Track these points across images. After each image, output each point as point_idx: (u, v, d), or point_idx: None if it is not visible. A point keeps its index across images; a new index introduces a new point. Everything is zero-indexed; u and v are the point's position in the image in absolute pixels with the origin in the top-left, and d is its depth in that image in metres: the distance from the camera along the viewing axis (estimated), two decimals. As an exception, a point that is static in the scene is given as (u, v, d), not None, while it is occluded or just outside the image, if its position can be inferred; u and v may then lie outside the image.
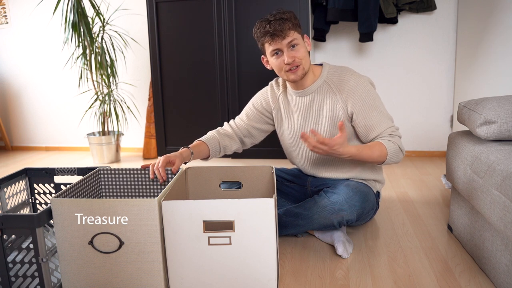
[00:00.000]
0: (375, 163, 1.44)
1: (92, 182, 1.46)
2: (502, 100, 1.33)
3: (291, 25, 1.41)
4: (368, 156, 1.38)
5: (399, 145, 1.43)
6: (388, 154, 1.40)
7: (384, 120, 1.47)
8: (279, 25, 1.39)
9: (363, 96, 1.45)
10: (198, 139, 1.61)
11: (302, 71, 1.46)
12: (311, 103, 1.53)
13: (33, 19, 3.40)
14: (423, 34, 2.79)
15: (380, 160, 1.41)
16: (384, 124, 1.46)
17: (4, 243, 1.13)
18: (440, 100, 2.85)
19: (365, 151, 1.38)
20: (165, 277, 1.17)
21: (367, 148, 1.39)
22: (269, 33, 1.41)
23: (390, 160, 1.42)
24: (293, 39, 1.42)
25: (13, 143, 3.71)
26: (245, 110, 1.71)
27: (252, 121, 1.67)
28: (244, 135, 1.69)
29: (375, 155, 1.39)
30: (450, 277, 1.28)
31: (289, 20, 1.41)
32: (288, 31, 1.40)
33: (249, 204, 1.11)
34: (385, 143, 1.41)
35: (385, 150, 1.40)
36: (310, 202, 1.49)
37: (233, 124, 1.69)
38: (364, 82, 1.48)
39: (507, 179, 1.07)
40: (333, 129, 1.51)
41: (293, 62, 1.43)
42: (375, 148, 1.40)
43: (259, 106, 1.67)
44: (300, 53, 1.44)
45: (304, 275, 1.33)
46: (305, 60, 1.45)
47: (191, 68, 2.65)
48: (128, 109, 3.18)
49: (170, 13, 2.62)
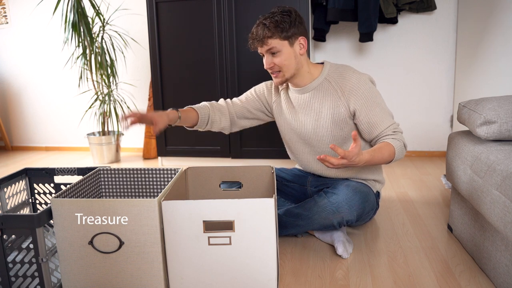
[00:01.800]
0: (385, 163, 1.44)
1: (92, 182, 1.46)
2: (502, 100, 1.32)
3: (271, 34, 1.39)
4: (380, 159, 1.38)
5: (403, 141, 1.44)
6: (395, 153, 1.40)
7: (386, 117, 1.47)
8: (259, 31, 1.40)
9: (365, 93, 1.45)
10: (189, 106, 1.58)
11: (282, 77, 1.47)
12: (311, 100, 1.53)
13: (33, 19, 3.40)
14: (423, 34, 2.79)
15: (389, 160, 1.41)
16: (386, 121, 1.47)
17: (4, 243, 1.13)
18: (440, 100, 2.85)
19: (377, 155, 1.36)
20: (165, 277, 1.17)
21: (378, 151, 1.38)
22: (252, 37, 1.43)
23: (397, 157, 1.43)
24: (272, 47, 1.41)
25: (13, 143, 3.71)
26: (245, 94, 1.70)
27: (249, 104, 1.66)
28: (237, 116, 1.65)
29: (385, 156, 1.39)
30: (450, 277, 1.28)
31: (270, 28, 1.39)
32: (267, 39, 1.40)
33: (249, 204, 1.11)
34: (392, 142, 1.41)
35: (393, 149, 1.40)
36: (310, 202, 1.49)
37: (229, 101, 1.67)
38: (365, 80, 1.48)
39: (507, 179, 1.07)
40: (334, 127, 1.51)
41: (271, 68, 1.45)
42: (385, 149, 1.39)
43: (260, 93, 1.67)
44: (280, 60, 1.43)
45: (304, 275, 1.33)
46: (286, 66, 1.44)
47: (191, 68, 2.65)
48: (128, 109, 3.18)
49: (170, 13, 2.62)
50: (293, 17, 1.42)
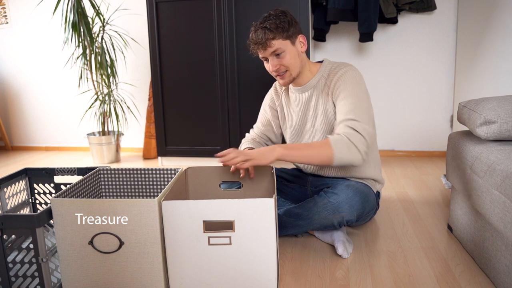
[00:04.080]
0: (323, 159, 1.33)
1: (92, 182, 1.46)
2: (502, 100, 1.33)
3: (273, 35, 1.39)
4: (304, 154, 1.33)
5: (353, 140, 1.32)
6: (332, 145, 1.31)
7: (357, 112, 1.37)
8: (261, 35, 1.40)
9: (347, 81, 1.43)
10: (245, 148, 1.64)
11: (289, 77, 1.48)
12: (309, 99, 1.54)
13: (33, 19, 3.40)
14: (423, 34, 2.79)
15: (326, 155, 1.31)
16: (352, 114, 1.36)
17: (4, 243, 1.13)
18: (440, 100, 2.85)
19: (296, 150, 1.34)
20: (165, 277, 1.17)
21: (300, 147, 1.36)
22: (253, 42, 1.43)
23: (340, 156, 1.31)
24: (276, 49, 1.41)
25: (13, 143, 3.71)
26: (259, 118, 1.74)
27: (269, 125, 1.71)
28: (265, 141, 1.73)
29: (315, 151, 1.32)
30: (450, 277, 1.28)
31: (272, 30, 1.39)
32: (270, 41, 1.40)
33: (249, 204, 1.11)
34: (331, 138, 1.33)
35: (328, 143, 1.31)
36: (310, 202, 1.49)
37: (253, 133, 1.74)
38: (356, 74, 1.45)
39: (507, 179, 1.07)
40: (326, 125, 1.51)
41: (278, 70, 1.45)
42: (315, 145, 1.34)
43: (271, 106, 1.70)
44: (286, 60, 1.43)
45: (304, 275, 1.33)
46: (292, 65, 1.45)
47: (191, 68, 2.65)
48: (128, 109, 3.18)
49: (170, 13, 2.62)
50: (289, 17, 1.44)
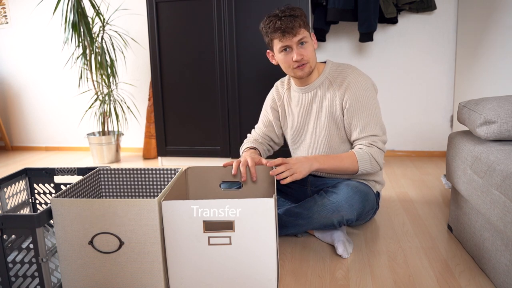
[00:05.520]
0: (349, 172, 1.46)
1: (92, 182, 1.46)
2: (502, 100, 1.33)
3: (301, 23, 1.41)
4: (337, 166, 1.43)
5: (375, 157, 1.44)
6: (358, 163, 1.43)
7: (372, 126, 1.47)
8: (290, 22, 1.39)
9: (358, 93, 1.46)
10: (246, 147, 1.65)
11: (309, 69, 1.48)
12: (313, 100, 1.54)
13: (33, 19, 3.40)
14: (423, 34, 2.79)
15: (352, 170, 1.45)
16: (369, 129, 1.46)
17: (4, 243, 1.13)
18: (440, 100, 2.85)
19: (332, 161, 1.43)
20: (165, 277, 1.17)
21: (334, 158, 1.44)
22: (280, 30, 1.41)
23: (363, 170, 1.44)
24: (303, 37, 1.42)
25: (13, 143, 3.71)
26: (260, 118, 1.75)
27: (271, 126, 1.71)
28: (268, 142, 1.73)
29: (345, 165, 1.43)
30: (450, 277, 1.28)
31: (299, 17, 1.41)
32: (299, 28, 1.41)
33: (249, 204, 1.11)
34: (357, 153, 1.44)
35: (355, 159, 1.43)
36: (310, 201, 1.49)
37: (255, 134, 1.74)
38: (364, 80, 1.48)
39: (507, 179, 1.07)
40: (331, 126, 1.51)
41: (302, 60, 1.44)
42: (346, 158, 1.44)
43: (272, 107, 1.70)
44: (308, 51, 1.45)
45: (304, 275, 1.33)
46: (312, 58, 1.47)
47: (191, 68, 2.65)
48: (128, 109, 3.18)
49: (170, 13, 2.61)
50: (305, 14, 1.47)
